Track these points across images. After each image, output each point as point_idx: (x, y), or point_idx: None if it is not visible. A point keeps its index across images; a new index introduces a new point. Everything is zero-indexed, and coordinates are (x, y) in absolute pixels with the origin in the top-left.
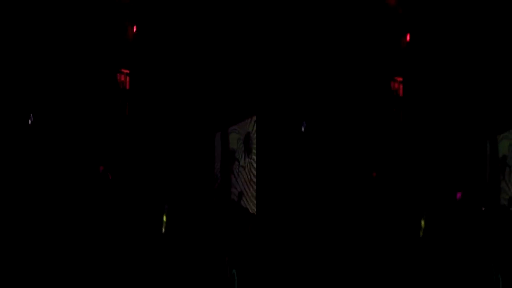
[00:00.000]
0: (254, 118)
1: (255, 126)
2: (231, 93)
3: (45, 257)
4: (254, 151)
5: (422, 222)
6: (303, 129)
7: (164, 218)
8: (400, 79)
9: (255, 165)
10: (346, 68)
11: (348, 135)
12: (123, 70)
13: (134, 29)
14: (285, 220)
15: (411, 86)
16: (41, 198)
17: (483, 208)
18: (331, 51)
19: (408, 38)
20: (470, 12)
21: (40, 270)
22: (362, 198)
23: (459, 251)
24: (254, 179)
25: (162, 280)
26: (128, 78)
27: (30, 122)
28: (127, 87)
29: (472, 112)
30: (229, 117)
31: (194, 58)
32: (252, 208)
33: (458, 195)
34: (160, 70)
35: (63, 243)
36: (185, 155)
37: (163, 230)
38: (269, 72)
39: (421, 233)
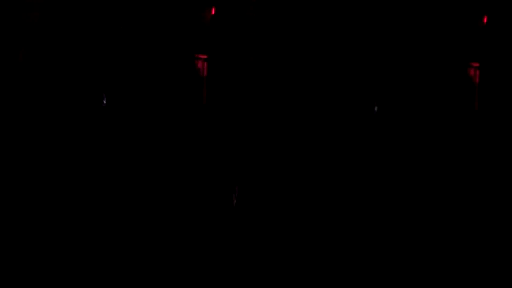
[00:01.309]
0: None
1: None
2: (314, 81)
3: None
4: None
5: None
6: (375, 109)
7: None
8: (477, 64)
9: None
10: (417, 53)
11: (419, 124)
12: (200, 56)
13: (213, 12)
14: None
15: (488, 73)
16: (115, 183)
17: None
18: (402, 37)
19: (485, 20)
20: None
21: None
22: (435, 189)
23: None
24: None
25: None
26: (206, 64)
27: (103, 109)
28: (205, 74)
29: None
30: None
31: (276, 43)
32: None
33: None
34: (240, 55)
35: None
36: (267, 147)
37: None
38: (345, 57)
39: None
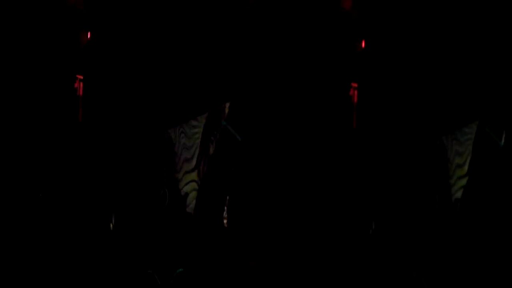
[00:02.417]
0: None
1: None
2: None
3: None
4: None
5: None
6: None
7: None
8: (355, 85)
9: None
10: (299, 73)
11: (299, 141)
12: (77, 76)
13: (89, 36)
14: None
15: (366, 92)
16: None
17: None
18: (282, 56)
19: (363, 44)
20: (427, 18)
21: None
22: (312, 209)
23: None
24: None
25: None
26: (81, 84)
27: None
28: (80, 93)
29: (427, 117)
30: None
31: (149, 64)
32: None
33: None
34: (114, 76)
35: None
36: (140, 162)
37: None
38: (223, 76)
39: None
